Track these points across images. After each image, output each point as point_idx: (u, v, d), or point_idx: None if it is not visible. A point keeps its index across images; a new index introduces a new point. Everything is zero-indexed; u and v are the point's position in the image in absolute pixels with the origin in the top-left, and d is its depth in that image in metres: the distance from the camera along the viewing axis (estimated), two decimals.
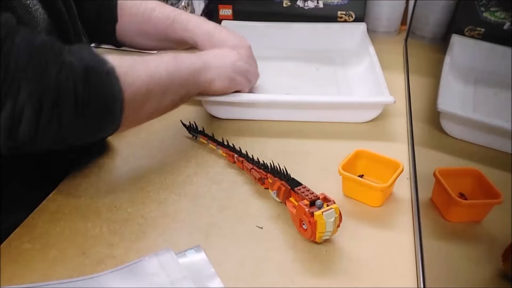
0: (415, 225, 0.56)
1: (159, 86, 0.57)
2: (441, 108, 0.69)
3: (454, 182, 0.56)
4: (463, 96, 0.76)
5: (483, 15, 0.81)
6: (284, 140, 0.72)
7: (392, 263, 0.52)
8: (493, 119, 0.65)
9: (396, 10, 1.06)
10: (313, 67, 0.93)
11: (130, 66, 0.54)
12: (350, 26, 1.00)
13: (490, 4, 0.79)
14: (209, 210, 0.59)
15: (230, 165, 0.67)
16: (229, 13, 1.04)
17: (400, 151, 0.69)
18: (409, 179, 0.64)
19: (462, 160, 0.66)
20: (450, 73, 0.77)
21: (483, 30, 0.82)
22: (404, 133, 0.74)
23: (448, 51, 0.82)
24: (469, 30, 0.83)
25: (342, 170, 0.59)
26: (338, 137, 0.73)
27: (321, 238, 0.52)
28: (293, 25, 1.00)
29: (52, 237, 0.54)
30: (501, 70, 0.75)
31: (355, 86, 0.86)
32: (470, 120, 0.68)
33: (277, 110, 0.76)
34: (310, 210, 0.51)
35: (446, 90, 0.72)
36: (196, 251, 0.51)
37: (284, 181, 0.57)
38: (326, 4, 1.01)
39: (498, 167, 0.61)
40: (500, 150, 0.65)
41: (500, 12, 0.79)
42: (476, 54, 0.83)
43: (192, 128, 0.73)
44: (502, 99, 0.71)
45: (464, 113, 0.71)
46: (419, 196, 0.59)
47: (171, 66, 0.60)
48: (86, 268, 0.50)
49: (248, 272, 0.50)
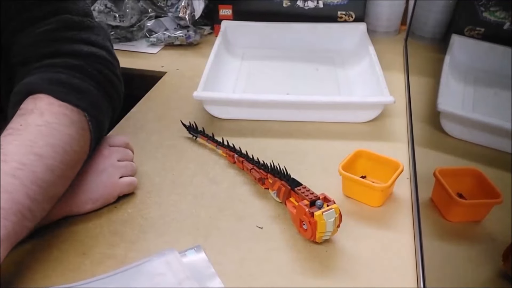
0: (415, 225, 0.56)
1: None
2: (441, 108, 0.69)
3: (454, 182, 0.56)
4: (463, 96, 0.76)
5: (482, 15, 0.81)
6: (284, 140, 0.72)
7: (392, 263, 0.52)
8: (493, 119, 0.65)
9: (396, 10, 1.06)
10: (313, 67, 0.93)
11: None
12: (350, 26, 1.00)
13: (490, 4, 0.79)
14: (209, 210, 0.59)
15: (230, 165, 0.67)
16: (229, 13, 1.04)
17: (400, 151, 0.69)
18: (409, 179, 0.64)
19: (462, 160, 0.66)
20: (450, 73, 0.77)
21: (483, 30, 0.82)
22: (404, 133, 0.74)
23: (448, 51, 0.83)
24: (469, 30, 0.83)
25: (342, 170, 0.59)
26: (338, 137, 0.73)
27: (321, 238, 0.52)
28: (293, 25, 1.00)
29: (52, 237, 0.54)
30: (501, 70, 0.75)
31: (355, 86, 0.86)
32: (470, 120, 0.68)
33: (277, 110, 0.76)
34: (310, 210, 0.51)
35: (446, 90, 0.72)
36: (196, 251, 0.51)
37: (284, 181, 0.57)
38: (326, 4, 1.01)
39: (498, 167, 0.61)
40: (500, 150, 0.65)
41: (500, 12, 0.79)
42: (476, 54, 0.84)
43: (192, 128, 0.73)
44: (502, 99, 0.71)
45: (464, 113, 0.71)
46: (419, 196, 0.59)
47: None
48: (86, 268, 0.50)
49: (248, 272, 0.50)
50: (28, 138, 0.48)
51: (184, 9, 1.01)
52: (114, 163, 0.58)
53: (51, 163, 0.48)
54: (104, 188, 0.57)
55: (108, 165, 0.58)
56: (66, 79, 0.54)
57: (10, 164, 0.45)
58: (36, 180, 0.46)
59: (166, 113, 0.79)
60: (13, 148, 0.47)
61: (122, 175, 0.59)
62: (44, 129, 0.50)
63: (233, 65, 0.93)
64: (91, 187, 0.56)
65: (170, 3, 1.03)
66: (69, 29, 0.58)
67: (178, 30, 1.03)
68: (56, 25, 0.57)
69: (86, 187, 0.56)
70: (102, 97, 0.58)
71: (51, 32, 0.57)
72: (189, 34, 1.02)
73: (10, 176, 0.45)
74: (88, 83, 0.56)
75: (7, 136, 0.48)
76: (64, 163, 0.50)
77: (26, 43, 0.57)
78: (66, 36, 0.57)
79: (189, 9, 1.02)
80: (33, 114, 0.50)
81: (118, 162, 0.59)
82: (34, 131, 0.49)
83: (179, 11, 1.02)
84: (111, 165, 0.58)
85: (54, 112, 0.51)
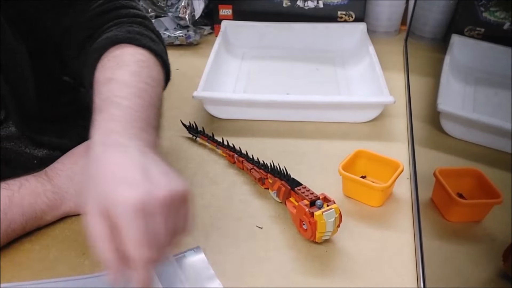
0: (415, 225, 0.56)
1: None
2: (441, 108, 0.69)
3: (454, 182, 0.56)
4: (463, 96, 0.76)
5: (482, 15, 0.81)
6: (284, 140, 0.72)
7: (392, 263, 0.52)
8: (493, 119, 0.65)
9: (396, 10, 1.06)
10: (313, 67, 0.93)
11: None
12: (350, 26, 1.00)
13: (490, 4, 0.79)
14: (209, 210, 0.59)
15: (230, 165, 0.67)
16: (229, 13, 1.04)
17: (400, 151, 0.69)
18: (409, 179, 0.64)
19: (462, 160, 0.66)
20: (450, 73, 0.77)
21: (483, 30, 0.82)
22: (404, 133, 0.74)
23: (448, 51, 0.83)
24: (469, 30, 0.83)
25: (342, 170, 0.59)
26: (338, 137, 0.73)
27: (321, 238, 0.52)
28: (293, 25, 1.00)
29: (52, 237, 0.54)
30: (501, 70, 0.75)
31: (355, 86, 0.86)
32: (470, 120, 0.68)
33: (277, 110, 0.76)
34: (310, 210, 0.51)
35: (446, 90, 0.72)
36: (196, 252, 0.51)
37: (284, 181, 0.57)
38: (326, 4, 1.01)
39: (498, 167, 0.62)
40: (500, 150, 0.65)
41: (500, 12, 0.79)
42: (476, 54, 0.84)
43: (192, 128, 0.73)
44: (502, 99, 0.71)
45: (464, 113, 0.71)
46: (419, 196, 0.59)
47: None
48: (86, 268, 0.50)
49: (248, 272, 0.50)
50: (134, 70, 0.52)
51: (184, 9, 1.01)
52: None
53: (156, 91, 0.53)
54: None
55: None
56: (140, 31, 0.58)
57: (132, 88, 0.50)
58: (153, 104, 0.51)
59: (166, 113, 0.78)
60: (128, 76, 0.51)
61: None
62: (141, 63, 0.54)
63: (233, 65, 0.93)
64: None
65: (170, 3, 1.03)
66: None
67: (178, 30, 1.03)
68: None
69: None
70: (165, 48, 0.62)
71: (105, 4, 0.60)
72: (189, 34, 1.02)
73: (137, 97, 0.49)
74: (156, 35, 0.61)
75: (116, 68, 0.52)
76: (159, 95, 0.55)
77: (85, 19, 0.59)
78: (121, 4, 0.61)
79: (189, 9, 1.02)
80: (125, 55, 0.54)
81: None
82: (135, 65, 0.53)
83: (179, 11, 1.02)
84: None
85: (141, 54, 0.55)
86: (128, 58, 0.54)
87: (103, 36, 0.57)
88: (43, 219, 0.54)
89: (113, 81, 0.50)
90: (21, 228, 0.52)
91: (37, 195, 0.52)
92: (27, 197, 0.52)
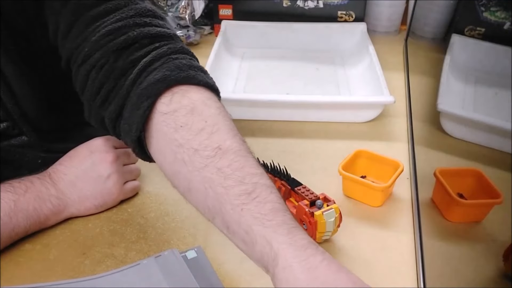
0: (415, 225, 0.56)
1: None
2: (441, 108, 0.69)
3: (454, 182, 0.56)
4: (463, 96, 0.76)
5: (483, 15, 0.81)
6: (284, 140, 0.72)
7: (392, 263, 0.52)
8: (493, 119, 0.65)
9: (396, 10, 1.06)
10: (313, 67, 0.93)
11: None
12: (350, 26, 1.00)
13: (490, 4, 0.79)
14: None
15: None
16: (229, 13, 1.04)
17: (400, 151, 0.69)
18: (409, 179, 0.63)
19: (462, 160, 0.66)
20: (450, 73, 0.77)
21: (483, 30, 0.82)
22: (404, 133, 0.74)
23: (448, 51, 0.82)
24: (469, 30, 0.83)
25: (342, 170, 0.59)
26: (338, 137, 0.73)
27: (321, 238, 0.52)
28: (293, 25, 1.00)
29: (52, 237, 0.54)
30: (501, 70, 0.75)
31: (355, 86, 0.86)
32: (470, 120, 0.68)
33: (277, 110, 0.76)
34: (310, 210, 0.51)
35: (446, 90, 0.72)
36: (197, 252, 0.51)
37: (284, 181, 0.57)
38: (326, 4, 1.01)
39: (498, 167, 0.62)
40: (500, 150, 0.65)
41: (500, 12, 0.79)
42: (476, 54, 0.83)
43: None
44: (502, 99, 0.71)
45: (464, 113, 0.71)
46: (419, 196, 0.59)
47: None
48: (86, 268, 0.50)
49: (248, 272, 0.50)
50: (230, 130, 0.46)
51: (184, 9, 1.01)
52: (119, 169, 0.58)
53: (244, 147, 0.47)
54: (109, 195, 0.57)
55: (114, 171, 0.57)
56: (188, 63, 0.50)
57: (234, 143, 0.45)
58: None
59: None
60: (237, 145, 0.46)
61: (127, 180, 0.59)
62: (222, 112, 0.48)
63: (233, 65, 0.93)
64: (95, 193, 0.56)
65: (170, 3, 1.03)
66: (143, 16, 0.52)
67: (178, 30, 1.02)
68: (133, 12, 0.51)
69: (90, 194, 0.56)
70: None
71: (129, 19, 0.51)
72: (189, 34, 1.02)
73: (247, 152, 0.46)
74: (194, 57, 0.53)
75: (212, 132, 0.45)
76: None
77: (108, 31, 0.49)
78: (144, 21, 0.51)
79: (189, 9, 1.02)
80: (199, 106, 0.47)
81: (124, 168, 0.59)
82: (223, 120, 0.47)
83: (179, 11, 1.02)
84: (116, 171, 0.57)
85: (209, 97, 0.48)
86: (210, 112, 0.46)
87: (148, 77, 0.47)
88: (45, 223, 0.54)
89: (229, 153, 0.44)
90: (24, 232, 0.52)
91: (42, 201, 0.53)
92: (32, 202, 0.52)
